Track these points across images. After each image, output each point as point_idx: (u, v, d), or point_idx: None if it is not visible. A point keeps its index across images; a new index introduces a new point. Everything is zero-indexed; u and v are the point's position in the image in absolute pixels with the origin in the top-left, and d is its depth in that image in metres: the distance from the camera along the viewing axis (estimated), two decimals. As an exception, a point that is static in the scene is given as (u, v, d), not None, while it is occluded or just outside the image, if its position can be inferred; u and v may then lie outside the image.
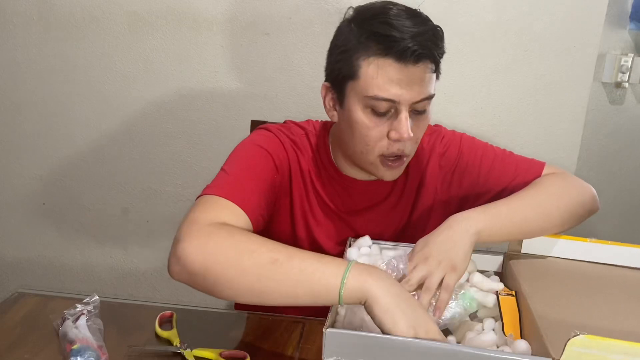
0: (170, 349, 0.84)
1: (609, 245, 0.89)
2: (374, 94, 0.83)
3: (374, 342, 0.63)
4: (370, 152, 0.88)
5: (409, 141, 0.87)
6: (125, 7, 1.54)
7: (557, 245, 0.91)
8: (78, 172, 1.71)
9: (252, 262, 0.72)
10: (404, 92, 0.83)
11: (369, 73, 0.83)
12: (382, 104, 0.83)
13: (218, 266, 0.72)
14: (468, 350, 0.63)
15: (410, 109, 0.85)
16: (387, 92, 0.82)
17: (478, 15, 1.49)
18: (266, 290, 0.72)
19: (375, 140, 0.87)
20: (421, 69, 0.84)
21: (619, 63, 1.55)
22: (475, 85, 1.55)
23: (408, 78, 0.82)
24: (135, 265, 1.79)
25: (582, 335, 0.56)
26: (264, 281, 0.71)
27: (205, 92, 1.59)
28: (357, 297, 0.69)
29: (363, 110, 0.86)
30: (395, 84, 0.82)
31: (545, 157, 1.60)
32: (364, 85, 0.84)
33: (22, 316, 0.92)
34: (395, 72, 0.82)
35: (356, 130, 0.87)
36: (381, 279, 0.69)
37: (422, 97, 0.85)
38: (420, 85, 0.84)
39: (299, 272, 0.70)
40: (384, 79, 0.82)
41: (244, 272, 0.72)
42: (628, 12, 1.53)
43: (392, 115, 0.85)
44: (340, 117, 0.92)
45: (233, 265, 0.72)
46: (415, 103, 0.85)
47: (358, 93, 0.85)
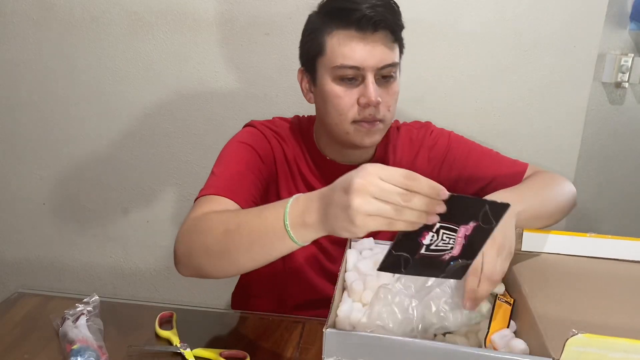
0: (170, 349, 0.84)
1: (608, 239, 0.89)
2: (340, 63, 0.90)
3: (374, 342, 0.63)
4: (344, 120, 0.94)
5: (379, 106, 0.92)
6: (125, 7, 1.54)
7: (556, 242, 0.91)
8: (78, 172, 1.71)
9: (211, 239, 0.76)
10: (367, 58, 0.89)
11: (334, 45, 0.90)
12: (348, 71, 0.90)
13: (193, 252, 0.79)
14: (468, 350, 0.63)
15: (375, 75, 0.91)
16: (351, 59, 0.89)
17: (478, 15, 1.49)
18: (232, 259, 0.75)
19: (347, 107, 0.92)
20: (381, 37, 0.90)
21: (619, 63, 1.55)
22: (475, 85, 1.55)
23: (369, 45, 0.89)
24: (135, 265, 1.79)
25: (580, 334, 0.56)
26: (226, 252, 0.75)
27: (205, 92, 1.59)
28: (302, 230, 0.67)
29: (332, 81, 0.92)
30: (358, 51, 0.89)
31: (545, 157, 1.61)
32: (331, 57, 0.91)
33: (22, 316, 0.92)
34: (357, 40, 0.89)
35: (329, 102, 0.94)
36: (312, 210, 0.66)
37: (385, 63, 0.91)
38: (382, 52, 0.91)
39: (248, 234, 0.72)
40: (347, 48, 0.89)
41: (208, 249, 0.77)
42: (628, 12, 1.53)
43: (359, 82, 0.92)
44: (316, 96, 0.99)
45: (200, 246, 0.78)
46: (380, 69, 0.91)
47: (326, 66, 0.92)
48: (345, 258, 0.88)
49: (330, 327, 0.65)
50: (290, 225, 0.66)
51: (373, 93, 0.90)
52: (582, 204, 1.67)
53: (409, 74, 1.54)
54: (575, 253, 0.90)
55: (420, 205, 0.58)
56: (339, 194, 0.61)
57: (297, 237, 0.67)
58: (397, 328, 0.69)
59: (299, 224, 0.66)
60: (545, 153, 1.60)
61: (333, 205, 0.62)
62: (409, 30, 1.52)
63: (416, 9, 1.50)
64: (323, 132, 1.03)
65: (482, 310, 0.78)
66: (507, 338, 0.72)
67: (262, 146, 0.99)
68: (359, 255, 0.89)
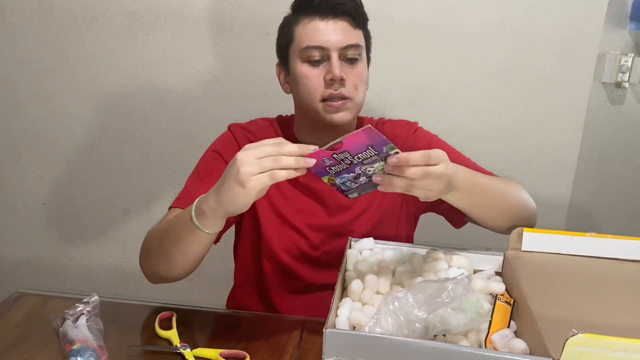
0: (170, 349, 0.84)
1: (608, 239, 0.89)
2: (306, 44, 0.98)
3: (374, 342, 0.63)
4: (313, 99, 1.00)
5: (344, 83, 0.98)
6: (125, 7, 1.54)
7: (556, 241, 0.91)
8: (78, 172, 1.71)
9: (153, 245, 0.94)
10: (329, 39, 0.97)
11: (301, 31, 1.00)
12: (314, 52, 0.98)
13: (148, 258, 0.96)
14: (468, 350, 0.63)
15: (340, 56, 0.98)
16: (315, 40, 0.97)
17: (478, 15, 1.49)
18: (169, 258, 0.90)
19: (315, 86, 0.99)
20: (343, 21, 0.98)
21: (619, 63, 1.54)
22: (475, 85, 1.55)
23: (332, 28, 0.98)
24: (135, 265, 1.78)
25: (580, 334, 0.56)
26: (164, 253, 0.90)
27: (205, 92, 1.59)
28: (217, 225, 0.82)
29: (301, 64, 1.00)
30: (321, 32, 0.97)
31: (545, 157, 1.61)
32: (299, 42, 1.00)
33: (22, 316, 0.92)
34: (321, 25, 0.98)
35: (299, 83, 1.01)
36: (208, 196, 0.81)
37: (347, 43, 0.98)
38: (344, 33, 0.98)
39: (173, 233, 0.88)
40: (312, 32, 0.98)
41: (154, 254, 0.94)
42: (628, 12, 1.53)
43: (326, 63, 0.98)
44: (291, 84, 1.06)
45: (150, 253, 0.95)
46: (343, 49, 0.98)
47: (296, 51, 1.00)
48: (345, 258, 0.88)
49: (330, 327, 0.65)
50: (195, 217, 0.81)
51: (336, 68, 0.96)
52: (582, 204, 1.68)
53: (409, 74, 1.55)
54: (575, 253, 0.90)
55: (288, 163, 0.74)
56: (229, 172, 0.75)
57: (203, 226, 0.81)
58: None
59: (200, 214, 0.81)
60: (545, 153, 1.60)
61: (226, 182, 0.75)
62: (409, 31, 1.53)
63: (416, 9, 1.50)
64: (302, 121, 1.09)
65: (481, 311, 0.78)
66: (507, 338, 0.72)
67: (229, 151, 1.04)
68: (359, 255, 0.90)
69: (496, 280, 0.86)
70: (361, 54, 1.01)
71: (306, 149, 0.75)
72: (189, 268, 0.92)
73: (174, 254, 0.89)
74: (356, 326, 0.74)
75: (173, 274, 0.93)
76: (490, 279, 0.86)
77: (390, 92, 1.56)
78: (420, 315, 0.68)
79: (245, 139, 1.09)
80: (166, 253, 0.90)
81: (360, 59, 1.01)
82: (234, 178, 0.74)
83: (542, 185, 1.63)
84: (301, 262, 1.09)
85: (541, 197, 1.64)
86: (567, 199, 1.64)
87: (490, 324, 0.75)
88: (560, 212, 1.65)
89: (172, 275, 0.93)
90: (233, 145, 1.08)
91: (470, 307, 0.76)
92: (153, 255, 0.94)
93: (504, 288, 0.83)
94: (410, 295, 0.69)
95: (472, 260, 0.89)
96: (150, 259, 0.95)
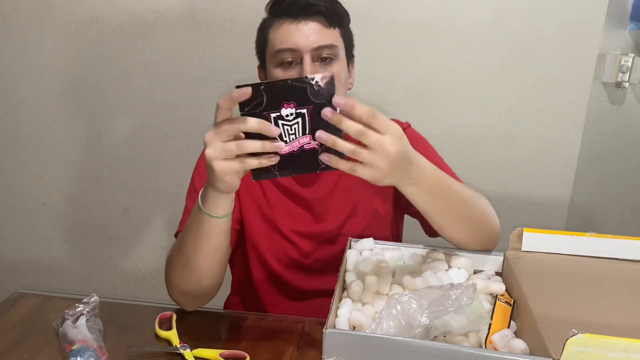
0: (170, 349, 0.84)
1: (608, 239, 0.89)
2: (278, 48, 0.97)
3: (374, 342, 0.63)
4: None
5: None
6: (125, 7, 1.54)
7: (556, 241, 0.91)
8: (78, 172, 1.71)
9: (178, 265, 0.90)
10: (300, 40, 0.95)
11: (273, 34, 0.99)
12: (286, 54, 0.96)
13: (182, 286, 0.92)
14: (468, 350, 0.63)
15: (313, 57, 0.96)
16: (286, 42, 0.96)
17: (478, 15, 1.49)
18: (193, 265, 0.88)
19: None
20: (315, 22, 0.96)
21: (619, 63, 1.54)
22: (475, 85, 1.55)
23: (303, 30, 0.96)
24: (135, 265, 1.80)
25: (580, 334, 0.56)
26: (187, 262, 0.88)
27: (205, 92, 1.59)
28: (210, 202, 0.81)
29: (275, 67, 0.98)
30: (293, 35, 0.96)
31: (545, 157, 1.61)
32: (272, 45, 0.98)
33: (22, 316, 0.92)
34: (292, 27, 0.96)
35: None
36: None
37: (319, 44, 0.96)
38: (317, 34, 0.96)
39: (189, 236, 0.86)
40: (283, 35, 0.96)
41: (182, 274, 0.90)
42: (628, 12, 1.53)
43: (299, 65, 0.97)
44: None
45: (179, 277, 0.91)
46: (315, 49, 0.96)
47: (270, 54, 0.99)
48: (345, 258, 0.88)
49: (330, 327, 0.65)
50: (202, 204, 0.82)
51: (308, 70, 0.95)
52: (582, 204, 1.68)
53: (410, 74, 1.55)
54: (575, 253, 0.90)
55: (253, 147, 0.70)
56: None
57: (210, 211, 0.81)
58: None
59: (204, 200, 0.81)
60: (545, 153, 1.60)
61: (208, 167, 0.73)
62: (409, 31, 1.53)
63: (416, 9, 1.50)
64: None
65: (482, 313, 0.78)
66: (507, 338, 0.72)
67: None
68: (358, 255, 0.90)
69: (496, 280, 0.86)
70: (337, 54, 0.99)
71: (266, 125, 0.69)
72: (214, 272, 0.90)
73: (195, 257, 0.87)
74: (356, 326, 0.74)
75: (203, 283, 0.90)
76: (490, 279, 0.86)
77: (390, 92, 1.56)
78: (422, 321, 0.68)
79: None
80: (187, 259, 0.88)
81: (337, 59, 0.99)
82: (208, 164, 0.72)
83: (542, 185, 1.63)
84: (292, 270, 1.08)
85: (541, 197, 1.65)
86: (567, 199, 1.64)
87: (491, 324, 0.75)
88: (560, 212, 1.65)
89: (202, 285, 0.91)
90: None
91: (472, 310, 0.76)
92: (177, 273, 0.91)
93: (504, 288, 0.83)
94: (414, 300, 0.69)
95: (472, 260, 0.89)
96: (176, 278, 0.92)
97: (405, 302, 0.68)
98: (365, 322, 0.73)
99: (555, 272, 0.85)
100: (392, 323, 0.68)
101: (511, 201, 1.63)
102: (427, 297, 0.69)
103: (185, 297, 0.94)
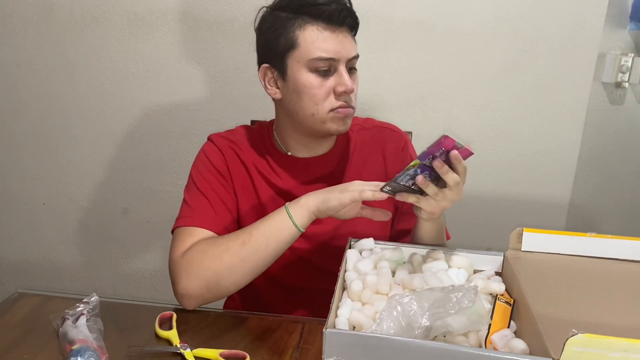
0: (170, 349, 0.84)
1: (608, 239, 0.89)
2: (317, 55, 0.95)
3: (374, 342, 0.63)
4: (321, 110, 0.98)
5: (352, 94, 0.99)
6: (125, 7, 1.54)
7: (556, 241, 0.91)
8: (78, 172, 1.71)
9: (232, 254, 0.91)
10: (340, 50, 0.96)
11: (308, 39, 0.95)
12: (324, 63, 0.95)
13: (215, 276, 0.92)
14: (468, 350, 0.63)
15: (346, 66, 0.98)
16: (327, 52, 0.95)
17: (478, 15, 1.50)
18: (254, 263, 0.92)
19: (324, 97, 0.97)
20: (346, 30, 0.98)
21: (619, 63, 1.55)
22: (475, 85, 1.55)
23: (339, 38, 0.96)
24: (135, 265, 1.80)
25: (580, 334, 0.56)
26: (248, 259, 0.91)
27: (205, 92, 1.59)
28: (305, 216, 0.91)
29: (308, 73, 0.97)
30: (331, 44, 0.95)
31: (545, 157, 1.61)
32: (305, 51, 0.95)
33: (22, 316, 0.92)
34: (329, 34, 0.95)
35: (304, 93, 0.98)
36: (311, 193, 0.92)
37: (353, 54, 0.99)
38: (350, 44, 0.98)
39: (262, 236, 0.91)
40: (322, 42, 0.95)
41: (231, 265, 0.91)
42: (628, 12, 1.53)
43: (332, 73, 0.97)
44: (285, 90, 1.01)
45: (222, 267, 0.91)
46: (349, 60, 0.98)
47: (301, 59, 0.96)
48: (345, 258, 0.88)
49: (330, 327, 0.65)
50: (293, 214, 0.91)
51: (349, 81, 0.96)
52: (582, 204, 1.68)
53: (410, 74, 1.55)
54: (575, 253, 0.90)
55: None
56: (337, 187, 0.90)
57: (298, 222, 0.91)
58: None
59: (300, 211, 0.91)
60: (545, 153, 1.60)
61: (334, 191, 0.90)
62: (409, 31, 1.53)
63: (416, 9, 1.50)
64: (290, 128, 1.06)
65: (483, 313, 0.78)
66: (507, 338, 0.72)
67: (217, 162, 1.06)
68: (358, 255, 0.90)
69: (496, 280, 0.86)
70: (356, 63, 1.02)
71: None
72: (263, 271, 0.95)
73: (259, 258, 0.92)
74: (356, 326, 0.74)
75: (243, 283, 0.94)
76: (490, 279, 0.86)
77: (390, 92, 1.57)
78: (423, 322, 0.68)
79: (229, 148, 1.08)
80: (248, 261, 0.91)
81: (356, 68, 1.02)
82: (340, 189, 0.89)
83: (542, 185, 1.63)
84: (291, 270, 1.08)
85: (541, 197, 1.65)
86: (567, 199, 1.64)
87: (490, 324, 0.75)
88: (560, 212, 1.65)
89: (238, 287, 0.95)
90: (219, 155, 1.07)
91: (472, 310, 0.76)
92: (228, 270, 0.92)
93: (504, 288, 0.83)
94: (415, 301, 0.69)
95: (472, 260, 0.89)
96: (219, 277, 0.92)
97: (405, 304, 0.68)
98: (365, 322, 0.73)
99: (555, 272, 0.85)
100: (393, 324, 0.68)
101: (511, 201, 1.63)
102: (427, 299, 0.69)
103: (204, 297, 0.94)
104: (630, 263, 0.88)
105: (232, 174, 1.07)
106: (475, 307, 0.75)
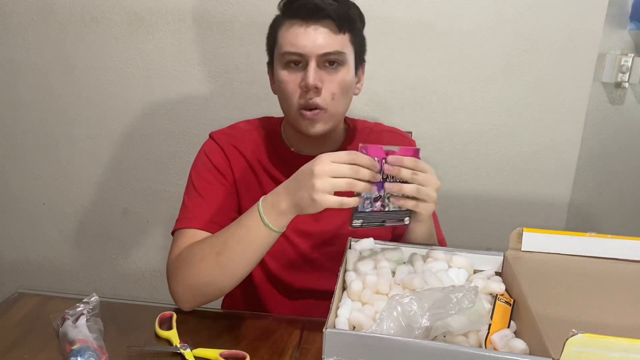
0: (170, 349, 0.84)
1: (608, 239, 0.89)
2: (286, 49, 0.96)
3: (374, 342, 0.63)
4: (291, 106, 0.99)
5: (320, 92, 0.96)
6: (125, 7, 1.54)
7: (556, 241, 0.91)
8: (78, 172, 1.71)
9: (208, 265, 0.90)
10: (307, 45, 0.94)
11: (282, 35, 0.98)
12: (292, 57, 0.96)
13: (197, 284, 0.92)
14: (468, 350, 0.63)
15: (319, 62, 0.95)
16: (294, 46, 0.95)
17: (478, 15, 1.49)
18: (231, 273, 0.90)
19: (292, 92, 0.98)
20: (324, 26, 0.95)
21: (619, 63, 1.54)
22: (475, 85, 1.55)
23: (312, 33, 0.95)
24: (135, 265, 1.80)
25: (580, 334, 0.56)
26: (226, 268, 0.89)
27: (206, 92, 1.59)
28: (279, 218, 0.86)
29: (282, 68, 0.98)
30: (301, 38, 0.95)
31: (545, 157, 1.61)
32: (280, 46, 0.98)
33: (22, 316, 0.92)
34: (301, 29, 0.95)
35: (280, 89, 1.00)
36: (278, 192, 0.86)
37: (326, 51, 0.95)
38: (325, 39, 0.95)
39: (237, 245, 0.88)
40: (292, 36, 0.95)
41: (209, 275, 0.90)
42: (628, 12, 1.53)
43: (304, 68, 0.96)
44: (275, 87, 1.04)
45: (201, 277, 0.91)
46: (322, 55, 0.95)
47: (277, 54, 0.99)
48: (345, 258, 0.88)
49: (330, 327, 0.65)
50: (267, 218, 0.85)
51: (311, 76, 0.94)
52: (582, 204, 1.68)
53: (410, 74, 1.55)
54: (575, 253, 0.90)
55: (365, 174, 0.80)
56: (304, 181, 0.80)
57: (274, 226, 0.85)
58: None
59: (273, 215, 0.85)
60: (545, 153, 1.60)
61: (301, 191, 0.81)
62: (409, 31, 1.53)
63: (416, 9, 1.50)
64: (287, 125, 1.08)
65: (483, 313, 0.78)
66: (507, 338, 0.72)
67: (219, 161, 1.06)
68: (358, 255, 0.90)
69: (496, 280, 0.86)
70: (344, 61, 0.97)
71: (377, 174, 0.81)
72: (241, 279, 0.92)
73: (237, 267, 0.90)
74: (356, 326, 0.74)
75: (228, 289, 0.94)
76: (490, 279, 0.86)
77: (390, 92, 1.57)
78: (423, 323, 0.68)
79: (230, 145, 1.08)
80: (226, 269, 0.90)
81: (343, 65, 0.97)
82: (307, 190, 0.79)
83: (542, 185, 1.63)
84: (291, 270, 1.08)
85: (541, 197, 1.65)
86: (567, 199, 1.64)
87: (490, 324, 0.75)
88: (560, 212, 1.65)
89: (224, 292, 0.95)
90: (220, 153, 1.07)
91: (472, 310, 0.76)
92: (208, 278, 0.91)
93: (504, 288, 0.83)
94: (415, 302, 0.69)
95: (472, 260, 0.89)
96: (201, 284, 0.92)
97: (406, 304, 0.68)
98: (365, 322, 0.73)
99: (555, 272, 0.85)
100: (393, 324, 0.68)
101: (511, 201, 1.63)
102: (428, 299, 0.69)
103: (195, 300, 0.94)
104: (630, 263, 0.88)
105: (234, 170, 1.07)
106: (476, 307, 0.75)
